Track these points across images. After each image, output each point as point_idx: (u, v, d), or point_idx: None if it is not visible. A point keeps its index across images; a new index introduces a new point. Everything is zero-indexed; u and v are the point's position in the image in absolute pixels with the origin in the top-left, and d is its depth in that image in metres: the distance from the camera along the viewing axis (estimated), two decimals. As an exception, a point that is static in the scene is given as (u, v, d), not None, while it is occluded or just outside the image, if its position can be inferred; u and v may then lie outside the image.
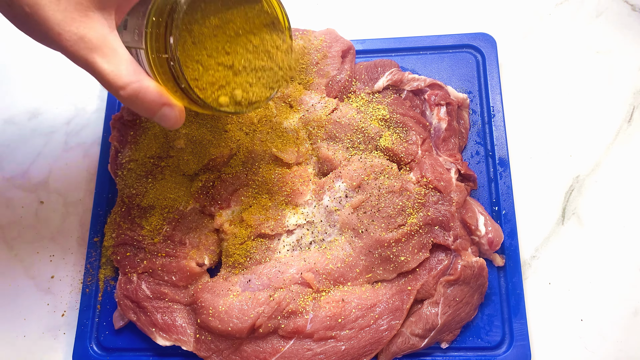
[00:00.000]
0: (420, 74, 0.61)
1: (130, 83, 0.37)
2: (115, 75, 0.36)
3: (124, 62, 0.37)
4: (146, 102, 0.38)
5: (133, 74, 0.37)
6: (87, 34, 0.35)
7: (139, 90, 0.37)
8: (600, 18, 0.65)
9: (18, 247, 0.61)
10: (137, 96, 0.37)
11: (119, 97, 0.37)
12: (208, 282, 0.53)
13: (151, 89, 0.38)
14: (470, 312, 0.52)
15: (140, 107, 0.38)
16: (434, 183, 0.53)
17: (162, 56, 0.37)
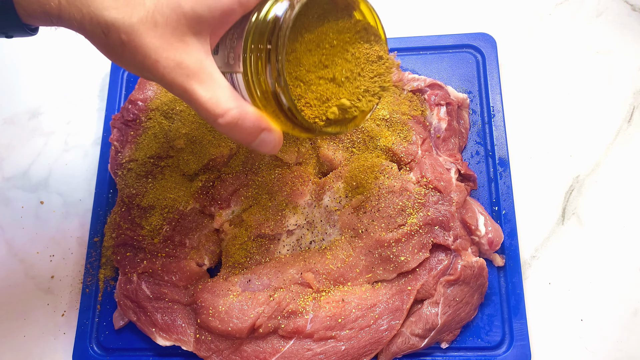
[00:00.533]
0: (420, 73, 0.61)
1: (229, 110, 0.35)
2: (214, 102, 0.35)
3: (221, 88, 0.35)
4: (245, 129, 0.36)
5: (231, 100, 0.35)
6: (184, 60, 0.34)
7: (238, 117, 0.35)
8: (601, 18, 0.65)
9: (18, 247, 0.61)
10: (235, 123, 0.35)
11: (216, 125, 0.36)
12: (208, 282, 0.53)
13: (250, 115, 0.36)
14: (470, 312, 0.52)
15: (238, 134, 0.36)
16: (434, 183, 0.53)
17: (263, 79, 0.36)
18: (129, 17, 0.33)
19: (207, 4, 0.34)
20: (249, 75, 0.36)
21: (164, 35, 0.34)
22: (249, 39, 0.36)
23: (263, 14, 0.36)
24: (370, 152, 0.55)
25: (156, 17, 0.34)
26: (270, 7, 0.36)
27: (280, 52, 0.34)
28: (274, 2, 0.36)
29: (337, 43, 0.39)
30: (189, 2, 0.34)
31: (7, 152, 0.65)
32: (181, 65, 0.34)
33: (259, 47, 0.35)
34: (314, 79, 0.39)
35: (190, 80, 0.35)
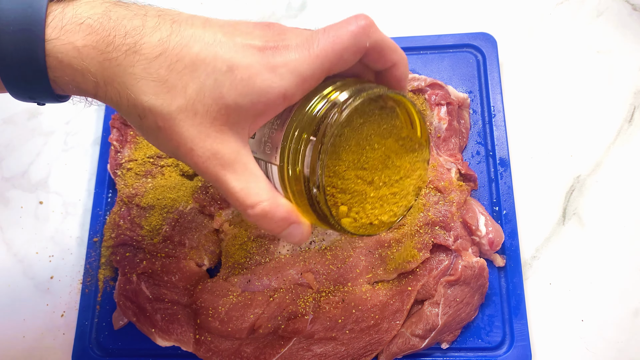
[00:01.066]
0: (421, 73, 0.61)
1: (260, 202, 0.35)
2: (245, 194, 0.34)
3: (255, 179, 0.35)
4: (274, 221, 0.35)
5: (263, 192, 0.35)
6: (220, 150, 0.34)
7: (268, 210, 0.35)
8: (601, 18, 0.65)
9: (17, 247, 0.61)
10: (265, 215, 0.35)
11: (246, 215, 0.35)
12: (208, 283, 0.53)
13: (281, 208, 0.35)
14: (471, 312, 0.52)
15: (265, 224, 0.36)
16: (435, 183, 0.53)
17: (300, 175, 0.34)
18: (168, 105, 0.33)
19: (250, 98, 0.33)
20: (285, 168, 0.35)
21: (202, 125, 0.33)
22: (292, 132, 0.35)
23: (309, 110, 0.34)
24: (371, 152, 0.55)
25: (196, 106, 0.33)
26: (316, 104, 0.34)
27: (322, 156, 0.33)
28: (319, 99, 0.34)
29: (378, 147, 0.38)
30: (232, 94, 0.33)
31: (7, 152, 0.65)
32: (216, 155, 0.34)
33: (298, 142, 0.34)
34: (352, 177, 0.37)
35: (224, 170, 0.34)
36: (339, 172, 0.37)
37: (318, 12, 0.68)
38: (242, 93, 0.33)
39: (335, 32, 0.35)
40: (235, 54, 0.33)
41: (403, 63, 0.38)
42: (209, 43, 0.33)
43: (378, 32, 0.36)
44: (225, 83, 0.33)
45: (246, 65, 0.32)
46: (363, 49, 0.35)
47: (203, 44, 0.33)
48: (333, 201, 0.37)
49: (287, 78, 0.33)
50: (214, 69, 0.32)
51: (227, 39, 0.33)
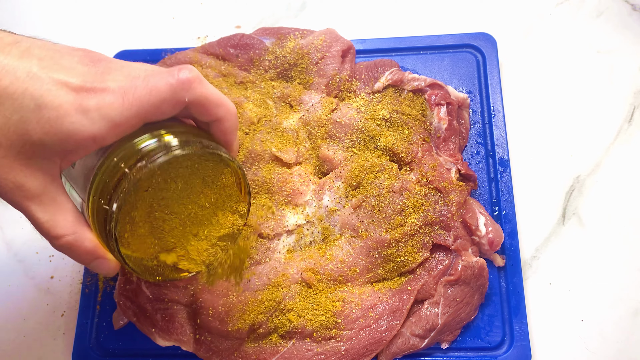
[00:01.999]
0: (421, 73, 0.61)
1: (65, 235, 0.35)
2: (50, 225, 0.35)
3: (62, 212, 0.35)
4: (79, 254, 0.36)
5: (70, 225, 0.35)
6: (25, 183, 0.34)
7: (74, 243, 0.36)
8: (601, 18, 0.65)
9: (17, 247, 0.61)
10: (70, 248, 0.36)
11: (52, 244, 0.36)
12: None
13: (86, 243, 0.36)
14: (471, 312, 0.52)
15: (71, 256, 0.37)
16: (434, 183, 0.53)
17: (101, 221, 0.35)
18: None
19: (58, 137, 0.32)
20: (88, 207, 0.36)
21: (6, 157, 0.33)
22: (92, 187, 0.35)
23: (118, 150, 0.34)
24: (371, 152, 0.55)
25: (0, 140, 0.32)
26: (120, 158, 0.34)
27: (116, 210, 0.34)
28: (125, 151, 0.34)
29: (203, 202, 0.39)
30: (38, 132, 0.32)
31: (7, 152, 0.65)
32: (21, 188, 0.34)
33: (99, 201, 0.35)
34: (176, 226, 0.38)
35: (29, 201, 0.34)
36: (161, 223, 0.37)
37: (318, 12, 0.69)
38: (49, 132, 0.32)
39: (155, 83, 0.34)
40: (47, 92, 0.32)
41: (229, 118, 0.38)
42: (20, 77, 0.32)
43: (202, 86, 0.36)
44: (31, 120, 0.32)
45: (56, 105, 0.32)
46: (182, 103, 0.35)
47: (14, 78, 0.31)
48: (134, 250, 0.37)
49: (97, 122, 0.33)
50: (21, 105, 0.31)
51: (42, 73, 0.32)
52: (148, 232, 0.37)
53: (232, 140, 0.39)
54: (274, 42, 0.60)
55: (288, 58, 0.58)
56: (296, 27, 0.61)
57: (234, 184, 0.40)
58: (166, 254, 0.39)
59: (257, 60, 0.59)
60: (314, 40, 0.59)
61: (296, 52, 0.58)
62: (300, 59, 0.58)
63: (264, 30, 0.61)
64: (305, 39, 0.59)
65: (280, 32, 0.60)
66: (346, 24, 0.67)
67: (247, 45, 0.60)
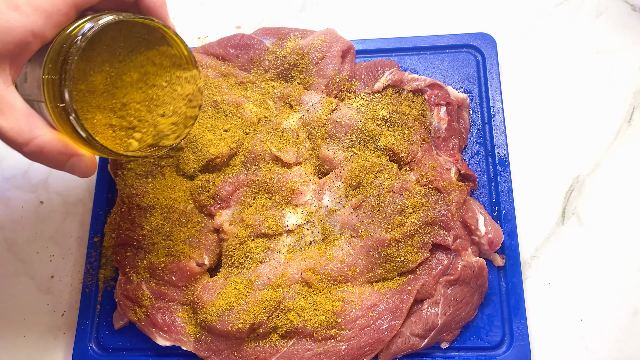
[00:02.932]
0: (421, 73, 0.61)
1: (33, 139, 0.35)
2: (16, 132, 0.34)
3: (23, 117, 0.35)
4: (52, 156, 0.36)
5: (35, 128, 0.35)
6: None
7: (43, 145, 0.35)
8: (601, 18, 0.65)
9: (18, 247, 0.61)
10: (41, 151, 0.35)
11: (23, 153, 0.35)
12: (208, 282, 0.53)
13: (56, 142, 0.36)
14: (470, 312, 0.52)
15: (46, 162, 0.36)
16: (434, 183, 0.53)
17: (59, 106, 0.35)
18: None
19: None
20: (47, 102, 0.36)
21: None
22: (44, 68, 0.35)
23: (57, 41, 0.36)
24: (370, 152, 0.55)
25: None
26: (68, 32, 0.35)
27: (66, 82, 0.34)
28: (73, 29, 0.36)
29: (151, 70, 0.41)
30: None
31: (7, 152, 0.65)
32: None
33: (52, 77, 0.35)
34: (131, 104, 0.40)
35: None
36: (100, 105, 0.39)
37: (318, 12, 0.69)
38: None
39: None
40: None
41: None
42: None
43: None
44: None
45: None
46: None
47: None
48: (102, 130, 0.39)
49: (31, 15, 0.33)
50: None
51: None
52: (110, 115, 0.39)
53: (163, 13, 0.40)
54: (274, 42, 0.60)
55: (288, 58, 0.59)
56: (296, 27, 0.61)
57: (179, 55, 0.42)
58: (135, 134, 0.41)
59: (257, 61, 0.60)
60: (314, 41, 0.59)
61: (296, 52, 0.58)
62: (300, 59, 0.58)
63: (264, 30, 0.61)
64: (305, 39, 0.59)
65: (280, 33, 0.60)
66: (346, 24, 0.67)
67: (247, 46, 0.60)
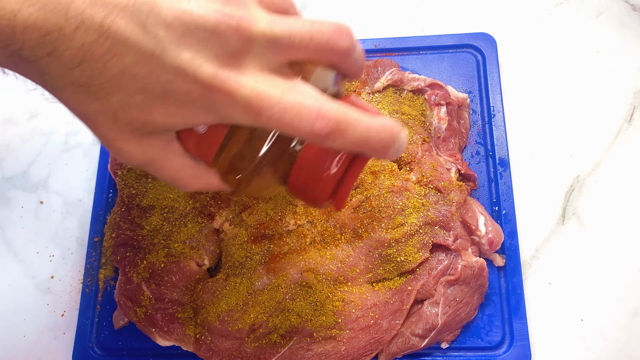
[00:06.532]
0: (421, 73, 0.61)
1: (190, 185, 0.37)
2: (174, 180, 0.37)
3: (182, 169, 0.36)
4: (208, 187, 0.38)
5: (193, 178, 0.37)
6: (143, 152, 0.34)
7: (201, 188, 0.38)
8: (601, 18, 0.65)
9: (17, 247, 0.61)
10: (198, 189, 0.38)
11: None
12: (208, 283, 0.53)
13: (212, 184, 0.38)
14: (471, 312, 0.52)
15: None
16: (434, 183, 0.53)
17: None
18: (86, 106, 0.31)
19: (180, 121, 0.32)
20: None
21: (122, 132, 0.32)
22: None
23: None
24: (371, 152, 0.55)
25: (118, 115, 0.31)
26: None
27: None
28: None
29: None
30: (162, 115, 0.31)
31: (7, 152, 0.65)
32: (140, 155, 0.34)
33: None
34: None
35: (146, 166, 0.35)
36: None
37: (318, 12, 0.69)
38: (172, 114, 0.31)
39: None
40: (174, 76, 0.29)
41: None
42: (144, 55, 0.28)
43: None
44: (155, 104, 0.30)
45: (184, 91, 0.30)
46: None
47: (137, 56, 0.28)
48: None
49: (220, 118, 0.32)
50: (144, 87, 0.29)
51: (170, 49, 0.28)
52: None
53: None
54: (274, 42, 0.60)
55: (288, 58, 0.58)
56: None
57: None
58: None
59: (257, 60, 0.59)
60: (314, 41, 0.59)
61: (296, 52, 0.58)
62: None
63: (264, 30, 0.61)
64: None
65: (280, 32, 0.60)
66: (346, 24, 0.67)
67: (247, 46, 0.60)
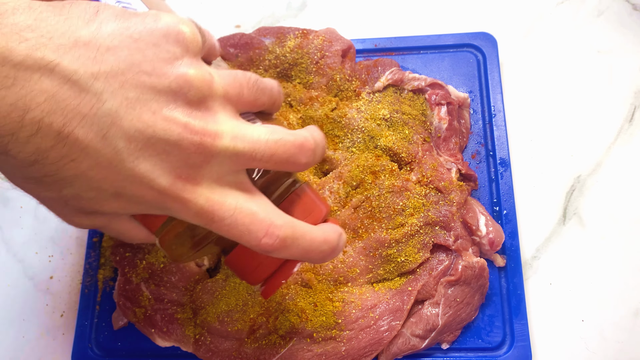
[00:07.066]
0: (421, 73, 0.61)
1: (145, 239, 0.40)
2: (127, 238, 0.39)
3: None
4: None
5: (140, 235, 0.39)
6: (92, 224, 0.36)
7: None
8: (601, 17, 0.65)
9: (17, 248, 0.61)
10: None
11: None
12: (208, 283, 0.53)
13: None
14: (471, 312, 0.52)
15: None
16: (435, 183, 0.53)
17: None
18: (38, 194, 0.32)
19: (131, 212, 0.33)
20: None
21: (72, 212, 0.33)
22: None
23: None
24: (371, 152, 0.55)
25: (69, 202, 0.31)
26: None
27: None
28: None
29: None
30: (112, 208, 0.32)
31: (6, 151, 0.65)
32: (93, 224, 0.36)
33: None
34: None
35: (97, 228, 0.37)
36: None
37: (318, 12, 0.68)
38: (123, 208, 0.32)
39: None
40: (130, 184, 0.29)
41: None
42: (102, 164, 0.28)
43: None
44: (107, 200, 0.31)
45: (138, 195, 0.30)
46: None
47: (94, 163, 0.28)
48: None
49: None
50: (99, 187, 0.29)
51: (129, 160, 0.28)
52: None
53: None
54: (273, 41, 0.60)
55: (288, 58, 0.58)
56: (296, 26, 0.61)
57: None
58: None
59: (257, 60, 0.59)
60: (314, 40, 0.59)
61: (296, 51, 0.58)
62: (300, 59, 0.58)
63: (263, 29, 0.61)
64: (305, 39, 0.59)
65: (280, 32, 0.60)
66: (346, 24, 0.67)
67: (247, 45, 0.60)
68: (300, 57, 0.58)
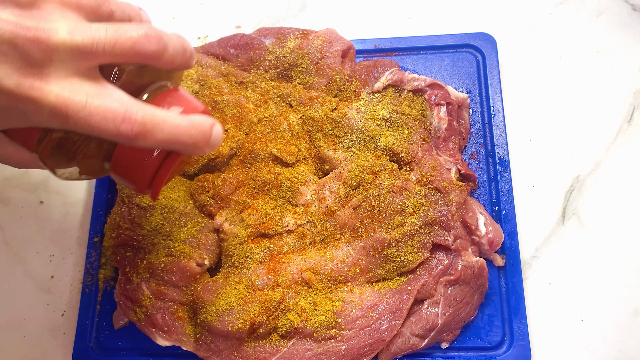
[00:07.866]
0: (421, 73, 0.61)
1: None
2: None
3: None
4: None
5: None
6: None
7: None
8: (601, 18, 0.65)
9: (18, 247, 0.61)
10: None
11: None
12: (208, 282, 0.53)
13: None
14: (471, 312, 0.52)
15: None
16: (434, 183, 0.53)
17: None
18: None
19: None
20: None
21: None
22: None
23: None
24: (371, 152, 0.55)
25: None
26: None
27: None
28: None
29: None
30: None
31: (7, 152, 0.65)
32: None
33: None
34: None
35: None
36: None
37: (318, 12, 0.69)
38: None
39: None
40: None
41: None
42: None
43: None
44: None
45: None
46: None
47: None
48: None
49: None
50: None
51: None
52: None
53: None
54: (274, 42, 0.60)
55: (288, 58, 0.59)
56: (296, 27, 0.61)
57: None
58: None
59: (257, 60, 0.59)
60: (314, 40, 0.59)
61: (296, 52, 0.58)
62: (300, 59, 0.58)
63: (264, 30, 0.61)
64: (305, 39, 0.59)
65: (280, 32, 0.60)
66: (346, 24, 0.67)
67: (247, 45, 0.60)
68: (300, 58, 0.58)
